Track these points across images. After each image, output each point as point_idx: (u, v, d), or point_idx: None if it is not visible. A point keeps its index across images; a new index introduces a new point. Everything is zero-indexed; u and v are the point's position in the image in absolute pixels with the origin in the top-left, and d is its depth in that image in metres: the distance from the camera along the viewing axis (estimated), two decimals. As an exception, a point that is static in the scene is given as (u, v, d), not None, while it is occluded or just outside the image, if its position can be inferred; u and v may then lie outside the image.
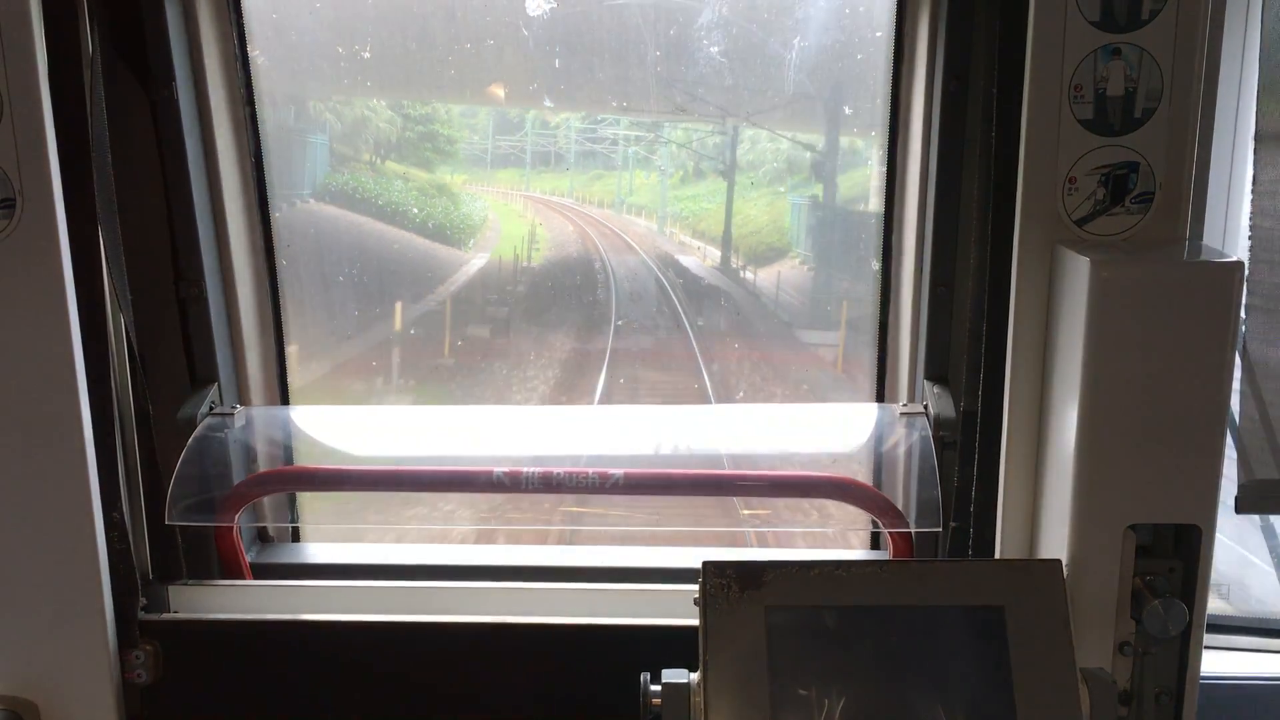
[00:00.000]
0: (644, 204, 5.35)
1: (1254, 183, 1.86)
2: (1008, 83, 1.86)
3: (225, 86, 2.31)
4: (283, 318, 2.54)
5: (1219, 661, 2.30)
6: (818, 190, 3.57)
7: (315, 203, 2.99)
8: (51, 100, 1.88)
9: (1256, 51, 1.95)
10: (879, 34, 2.40)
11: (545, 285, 4.44)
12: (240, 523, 2.35)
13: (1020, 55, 1.82)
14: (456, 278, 4.17)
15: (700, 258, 4.68)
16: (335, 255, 2.95)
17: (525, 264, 4.62)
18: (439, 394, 3.63)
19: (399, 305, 3.36)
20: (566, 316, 3.99)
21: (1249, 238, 1.86)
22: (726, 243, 4.52)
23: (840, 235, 3.56)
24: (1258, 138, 1.88)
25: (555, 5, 2.73)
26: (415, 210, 3.86)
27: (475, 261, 4.32)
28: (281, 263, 2.51)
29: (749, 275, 4.36)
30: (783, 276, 4.06)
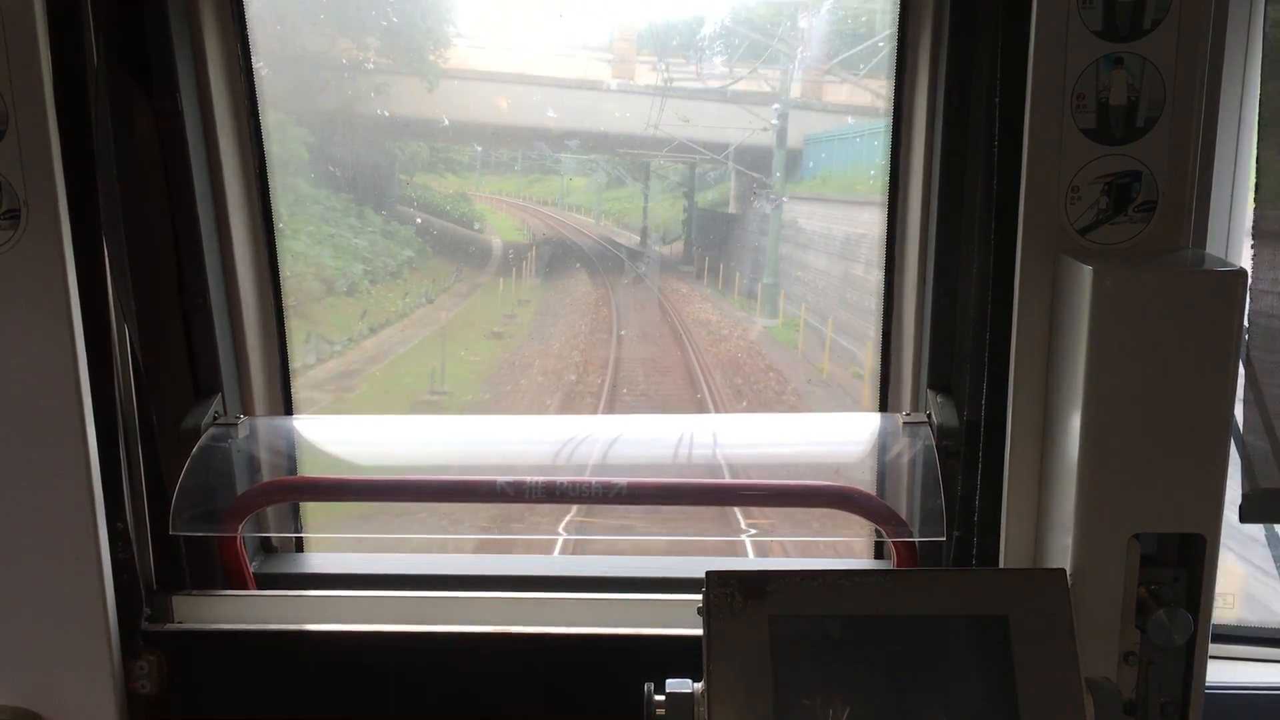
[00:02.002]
0: (580, 203, 8.66)
1: (1256, 190, 1.87)
2: (1010, 92, 1.86)
3: (229, 98, 2.32)
4: (286, 328, 2.54)
5: (1225, 671, 2.30)
6: (698, 198, 6.56)
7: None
8: (56, 111, 1.88)
9: (1259, 60, 1.96)
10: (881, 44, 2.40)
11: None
12: (244, 533, 2.36)
13: (1022, 65, 1.82)
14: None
15: (625, 239, 8.18)
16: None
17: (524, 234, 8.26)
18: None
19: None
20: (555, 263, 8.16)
21: (1251, 246, 1.86)
22: (643, 229, 7.95)
23: (703, 225, 6.87)
24: (1260, 145, 1.89)
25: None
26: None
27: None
28: (285, 273, 2.51)
29: (657, 248, 8.06)
30: (674, 248, 7.89)
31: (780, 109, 6.14)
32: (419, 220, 7.32)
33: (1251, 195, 1.87)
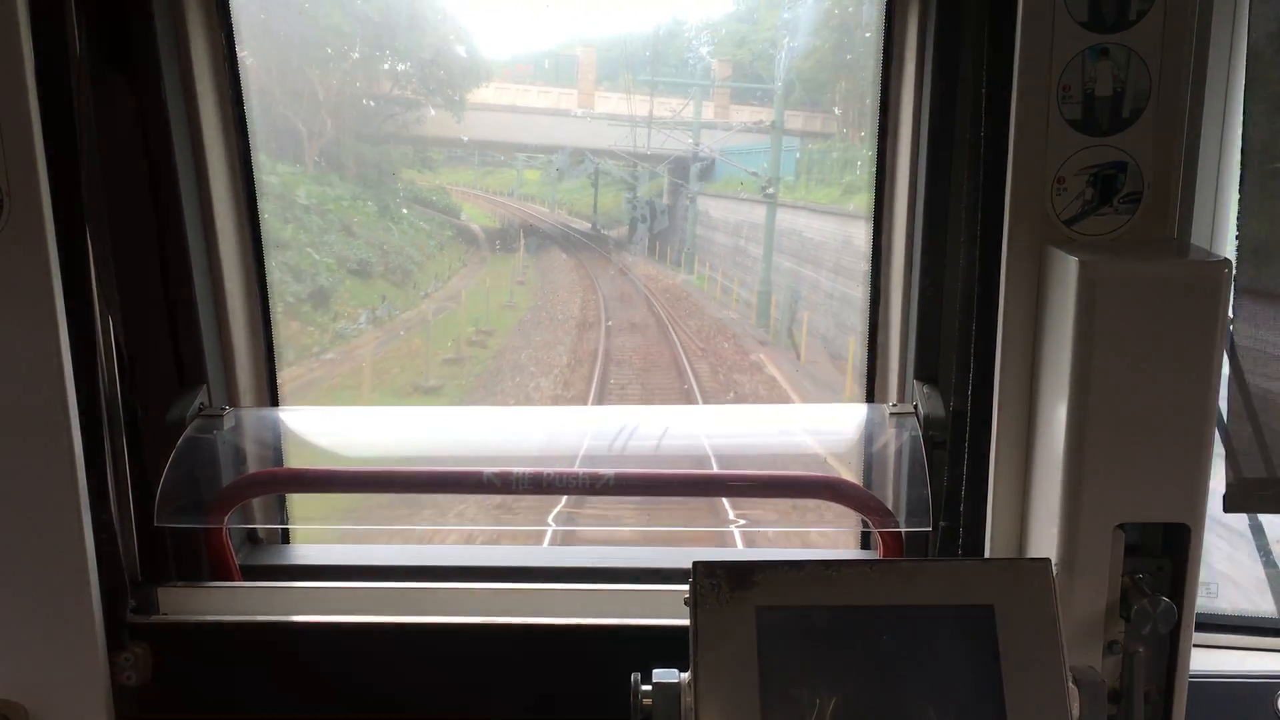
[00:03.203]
0: (533, 194, 10.78)
1: (1241, 182, 1.87)
2: (996, 83, 1.86)
3: (214, 87, 2.31)
4: (272, 318, 2.53)
5: (1208, 660, 2.31)
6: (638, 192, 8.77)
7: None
8: (39, 101, 1.87)
9: (1244, 50, 1.96)
10: (868, 35, 2.41)
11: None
12: (229, 524, 2.35)
13: (1008, 56, 1.83)
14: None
15: (579, 225, 10.43)
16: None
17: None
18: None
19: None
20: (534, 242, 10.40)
21: (1236, 237, 1.87)
22: (593, 216, 10.18)
23: (643, 213, 8.83)
24: (1245, 136, 1.89)
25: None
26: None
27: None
28: (270, 263, 2.50)
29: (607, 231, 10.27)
30: (621, 231, 9.88)
31: (694, 130, 8.94)
32: (413, 211, 9.51)
33: (1236, 186, 1.87)
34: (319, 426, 2.58)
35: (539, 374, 8.82)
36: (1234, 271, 1.74)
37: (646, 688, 1.67)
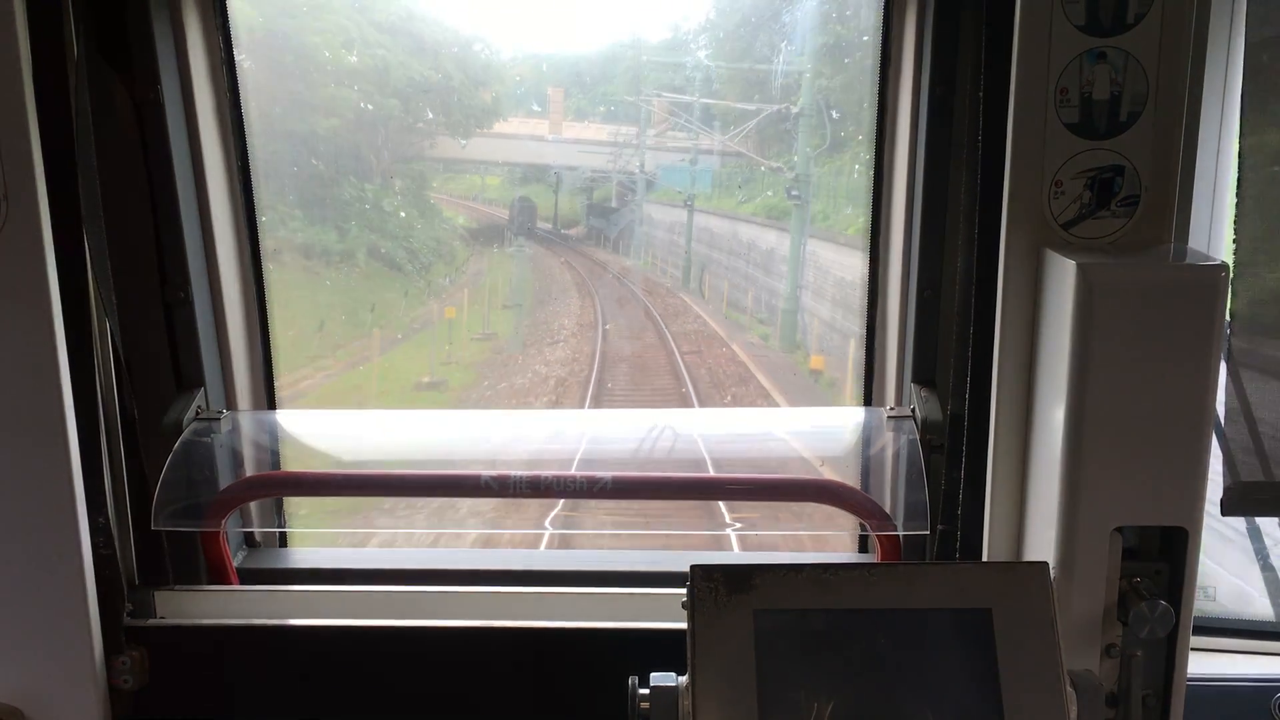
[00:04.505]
0: (495, 198, 13.60)
1: (1239, 185, 1.87)
2: (994, 86, 1.87)
3: (212, 89, 2.31)
4: (269, 321, 2.53)
5: (1206, 663, 2.31)
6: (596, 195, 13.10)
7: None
8: (36, 103, 1.87)
9: (1241, 54, 1.96)
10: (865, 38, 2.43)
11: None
12: (227, 527, 2.34)
13: (1006, 59, 1.83)
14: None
15: (542, 225, 13.55)
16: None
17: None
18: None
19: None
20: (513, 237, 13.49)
21: (1234, 240, 1.87)
22: (554, 218, 13.49)
23: (596, 214, 13.03)
24: (1242, 140, 1.89)
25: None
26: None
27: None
28: (268, 265, 2.50)
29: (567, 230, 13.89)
30: (577, 230, 13.77)
31: (638, 150, 12.42)
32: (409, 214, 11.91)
33: (1233, 189, 1.87)
34: (316, 429, 2.58)
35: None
36: (1231, 275, 1.74)
37: (644, 691, 1.67)
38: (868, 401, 2.53)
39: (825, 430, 2.57)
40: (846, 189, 9.17)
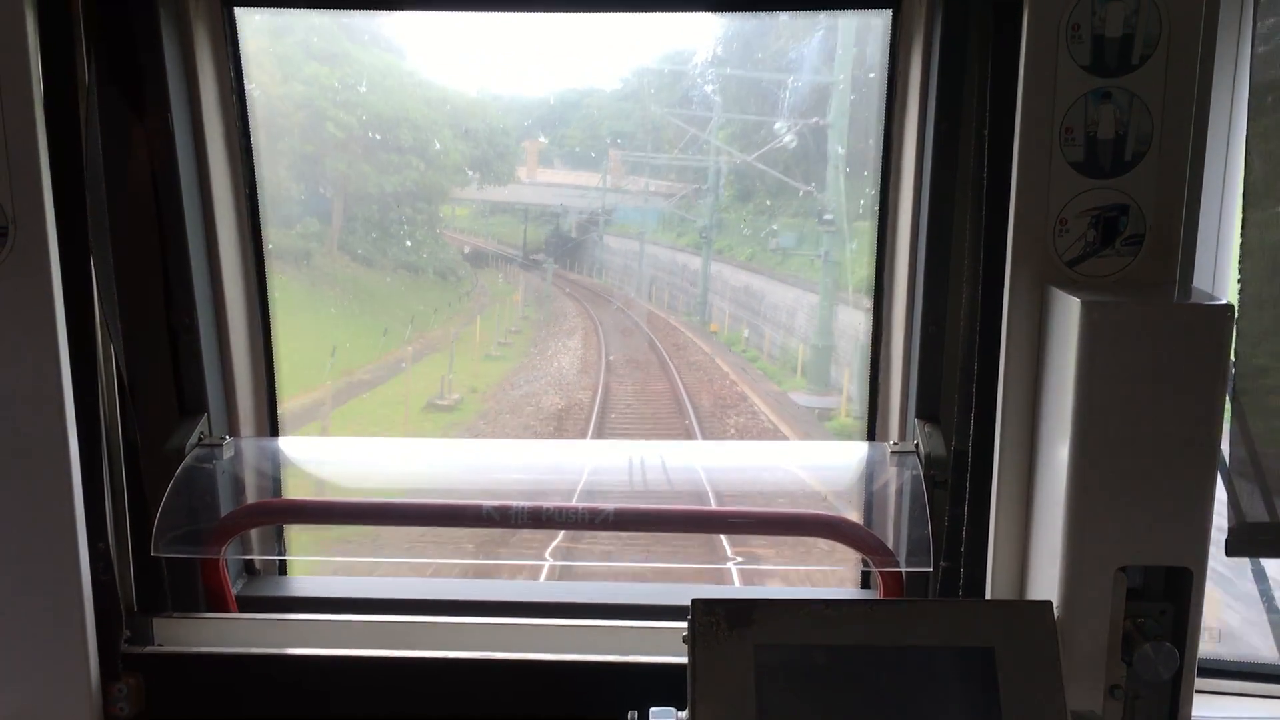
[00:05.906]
0: (465, 227, 15.75)
1: (1243, 225, 1.88)
2: (999, 124, 1.87)
3: (221, 117, 2.32)
4: (274, 347, 2.53)
5: (1210, 705, 2.29)
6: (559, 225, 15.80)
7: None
8: (46, 128, 1.88)
9: (1245, 95, 1.97)
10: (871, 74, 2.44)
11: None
12: (227, 555, 2.34)
13: (1012, 97, 1.84)
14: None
15: (511, 252, 15.95)
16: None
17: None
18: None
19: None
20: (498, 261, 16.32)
21: (1238, 280, 1.87)
22: (523, 245, 16.02)
23: (559, 244, 15.83)
24: (1246, 180, 1.90)
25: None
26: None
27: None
28: (274, 293, 2.50)
29: (535, 256, 16.13)
30: (544, 255, 16.01)
31: (601, 190, 14.96)
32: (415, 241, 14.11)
33: (1238, 229, 1.88)
34: (318, 457, 2.58)
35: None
36: (1236, 314, 1.74)
37: (644, 726, 1.66)
38: (871, 436, 2.53)
39: (828, 464, 2.56)
40: (734, 228, 13.89)
